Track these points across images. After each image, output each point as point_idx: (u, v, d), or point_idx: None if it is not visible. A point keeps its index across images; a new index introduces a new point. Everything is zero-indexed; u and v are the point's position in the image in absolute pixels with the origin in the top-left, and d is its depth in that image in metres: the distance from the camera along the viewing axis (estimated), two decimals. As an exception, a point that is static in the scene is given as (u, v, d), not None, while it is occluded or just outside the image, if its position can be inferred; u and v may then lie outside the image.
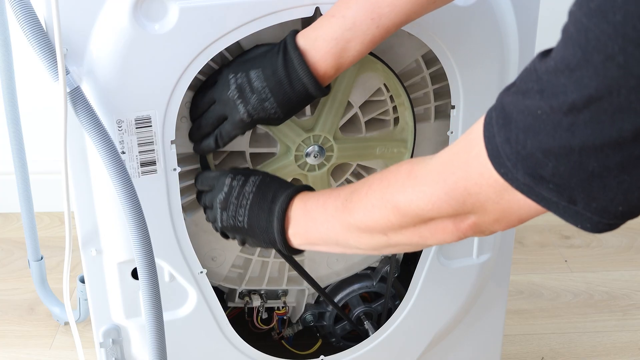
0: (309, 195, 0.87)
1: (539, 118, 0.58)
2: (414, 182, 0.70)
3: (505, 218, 0.67)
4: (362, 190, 0.78)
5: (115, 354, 1.04)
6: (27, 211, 1.44)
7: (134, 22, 0.85)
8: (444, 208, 0.68)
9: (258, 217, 0.88)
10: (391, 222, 0.74)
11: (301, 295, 1.17)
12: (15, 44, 1.30)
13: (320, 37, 0.85)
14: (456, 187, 0.66)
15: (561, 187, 0.59)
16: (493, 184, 0.63)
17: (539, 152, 0.58)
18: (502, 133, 0.61)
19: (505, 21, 0.97)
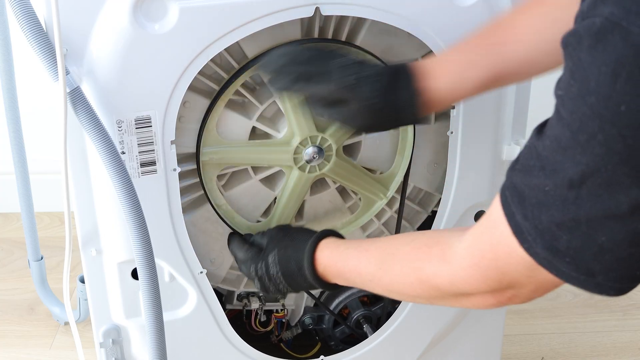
0: (331, 253, 0.90)
1: (547, 194, 0.61)
2: (449, 268, 0.73)
3: (541, 288, 0.69)
4: (394, 265, 0.81)
5: (115, 354, 1.04)
6: (27, 211, 1.44)
7: (134, 22, 0.85)
8: (482, 288, 0.71)
9: (297, 284, 0.93)
10: (432, 296, 0.78)
11: (300, 298, 1.17)
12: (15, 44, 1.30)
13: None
14: (489, 269, 0.69)
15: (577, 260, 0.62)
16: (521, 262, 0.66)
17: (553, 226, 0.62)
18: (520, 210, 0.64)
19: (505, 21, 0.97)
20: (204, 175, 0.99)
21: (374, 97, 0.83)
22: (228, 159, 0.99)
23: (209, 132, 0.96)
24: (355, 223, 1.10)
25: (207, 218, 1.03)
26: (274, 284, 0.94)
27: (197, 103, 0.95)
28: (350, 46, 0.97)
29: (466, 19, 0.95)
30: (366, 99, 0.84)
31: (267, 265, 0.94)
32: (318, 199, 1.07)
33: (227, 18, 0.87)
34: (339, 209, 1.09)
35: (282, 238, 0.96)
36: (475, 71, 0.86)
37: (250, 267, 0.96)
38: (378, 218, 1.11)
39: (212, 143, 0.97)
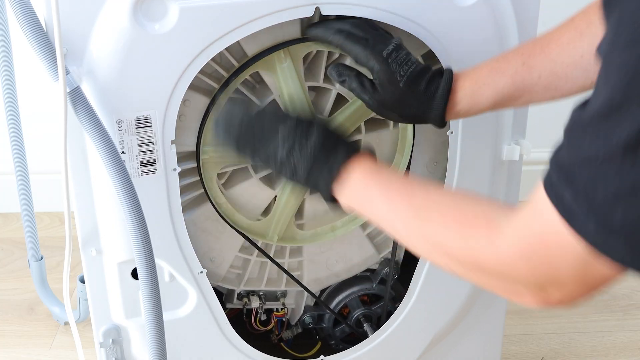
0: (371, 165, 0.82)
1: (601, 165, 0.58)
2: (495, 250, 0.69)
3: (589, 283, 0.65)
4: (436, 217, 0.74)
5: (115, 354, 1.04)
6: (27, 211, 1.44)
7: (134, 22, 0.85)
8: (527, 279, 0.67)
9: (314, 174, 0.83)
10: (463, 265, 0.73)
11: (300, 296, 1.17)
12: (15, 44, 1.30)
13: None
14: (537, 260, 0.65)
15: (632, 236, 0.58)
16: (571, 250, 0.62)
17: (608, 199, 0.58)
18: (569, 191, 0.60)
19: (505, 21, 0.97)
20: (204, 173, 0.99)
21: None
22: (228, 157, 0.99)
23: (209, 131, 0.96)
24: (355, 222, 1.10)
25: (207, 217, 1.03)
26: (298, 155, 0.83)
27: (197, 101, 0.95)
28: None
29: (466, 19, 0.95)
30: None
31: (308, 135, 0.83)
32: (318, 198, 1.07)
33: (227, 18, 0.87)
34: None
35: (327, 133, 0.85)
36: (497, 77, 0.86)
37: (289, 125, 0.85)
38: (378, 218, 1.11)
39: (212, 141, 0.97)
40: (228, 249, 1.07)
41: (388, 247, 1.15)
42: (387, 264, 1.16)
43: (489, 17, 0.96)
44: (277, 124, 0.85)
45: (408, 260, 1.18)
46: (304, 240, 1.09)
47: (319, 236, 1.09)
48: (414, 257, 1.14)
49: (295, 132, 0.84)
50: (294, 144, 0.83)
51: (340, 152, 0.82)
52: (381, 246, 1.16)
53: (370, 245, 1.14)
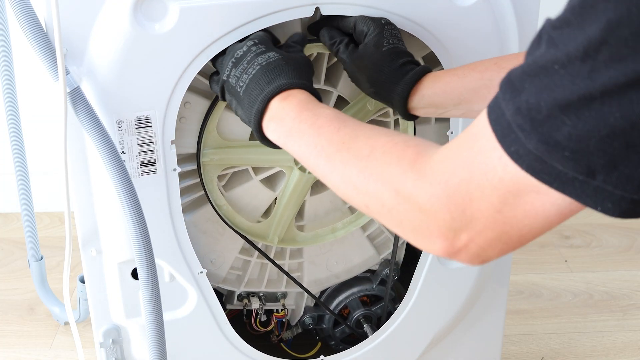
0: (308, 100, 0.80)
1: (555, 74, 0.54)
2: (416, 176, 0.64)
3: (504, 235, 0.61)
4: (364, 147, 0.71)
5: (115, 354, 1.03)
6: (27, 211, 1.44)
7: (133, 22, 0.85)
8: (441, 212, 0.62)
9: (251, 91, 0.83)
10: (382, 201, 0.67)
11: (300, 297, 1.17)
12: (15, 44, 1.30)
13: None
14: (458, 191, 0.61)
15: (579, 153, 0.54)
16: (497, 186, 0.58)
17: (557, 110, 0.54)
18: (511, 105, 0.56)
19: (505, 21, 0.97)
20: (205, 175, 0.99)
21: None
22: (228, 159, 0.99)
23: (209, 133, 0.96)
24: (356, 223, 1.10)
25: (208, 218, 1.03)
26: (244, 69, 0.84)
27: (198, 103, 0.95)
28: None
29: (466, 19, 0.95)
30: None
31: (264, 53, 0.85)
32: (318, 199, 1.07)
33: (227, 18, 0.87)
34: (339, 209, 1.09)
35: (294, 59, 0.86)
36: (466, 71, 0.87)
37: (248, 41, 0.87)
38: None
39: (212, 144, 0.97)
40: (228, 251, 1.07)
41: (388, 248, 1.15)
42: (387, 264, 1.16)
43: (489, 17, 0.96)
44: (240, 42, 0.88)
45: (408, 260, 1.18)
46: (305, 242, 1.09)
47: (320, 237, 1.09)
48: (414, 257, 1.14)
49: (249, 50, 0.86)
50: (242, 58, 0.85)
51: (276, 83, 0.82)
52: (381, 247, 1.16)
53: (370, 247, 1.14)
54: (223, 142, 0.98)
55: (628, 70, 0.50)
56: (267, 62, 0.83)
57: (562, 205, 0.57)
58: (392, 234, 1.13)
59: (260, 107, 0.81)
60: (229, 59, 0.87)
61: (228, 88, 0.87)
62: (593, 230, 1.89)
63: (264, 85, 0.82)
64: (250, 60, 0.85)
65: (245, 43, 0.87)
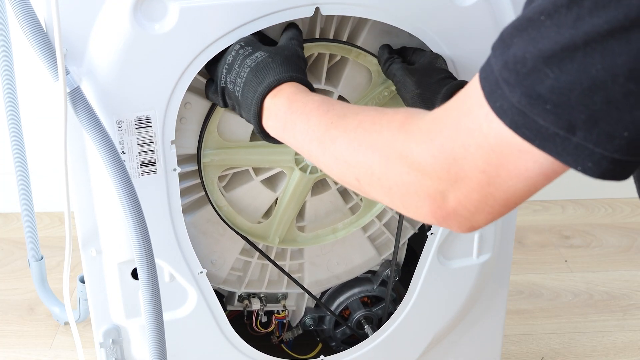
0: (297, 92, 0.81)
1: (542, 25, 0.54)
2: (404, 137, 0.64)
3: (489, 197, 0.60)
4: (352, 121, 0.71)
5: (115, 354, 1.04)
6: (27, 211, 1.44)
7: (133, 22, 0.85)
8: (428, 171, 0.62)
9: (247, 95, 0.84)
10: (372, 169, 0.68)
11: (301, 298, 1.17)
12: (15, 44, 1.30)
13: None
14: (443, 149, 0.61)
15: (560, 107, 0.54)
16: (482, 144, 0.58)
17: (541, 63, 0.54)
18: (500, 60, 0.56)
19: (505, 21, 0.97)
20: (205, 176, 0.99)
21: None
22: (229, 160, 0.99)
23: (210, 134, 0.96)
24: (357, 224, 1.10)
25: (208, 219, 1.03)
26: (237, 74, 0.86)
27: (199, 104, 0.95)
28: (351, 46, 0.97)
29: (466, 19, 0.95)
30: None
31: (251, 54, 0.86)
32: (319, 200, 1.07)
33: (227, 18, 0.87)
34: (340, 210, 1.09)
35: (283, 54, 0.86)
36: None
37: (236, 45, 0.88)
38: (379, 219, 1.11)
39: (213, 144, 0.97)
40: (229, 252, 1.07)
41: (389, 248, 1.15)
42: (388, 265, 1.16)
43: (489, 17, 0.96)
44: (231, 45, 0.88)
45: (409, 261, 1.18)
46: (305, 243, 1.09)
47: (320, 238, 1.09)
48: (415, 258, 1.14)
49: (238, 54, 0.87)
50: (233, 63, 0.86)
51: (265, 82, 0.83)
52: (382, 248, 1.16)
53: (371, 247, 1.14)
54: (224, 142, 0.98)
55: (610, 18, 0.50)
56: (255, 63, 0.85)
57: (545, 165, 0.57)
58: (393, 234, 1.13)
59: (256, 109, 0.83)
60: (222, 66, 0.88)
61: (228, 94, 0.88)
62: (593, 230, 1.89)
63: (255, 87, 0.83)
64: (241, 63, 0.86)
65: (232, 47, 0.88)
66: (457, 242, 1.11)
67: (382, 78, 1.00)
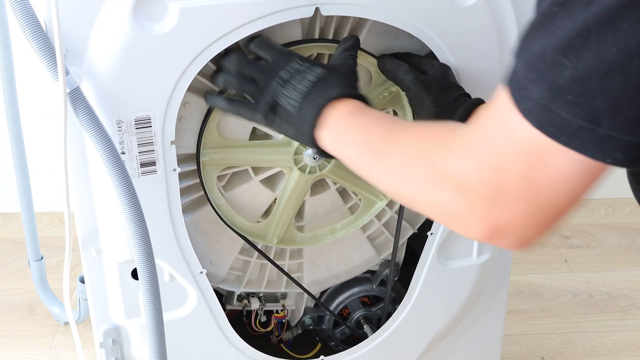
0: (356, 107, 0.82)
1: (555, 16, 0.54)
2: (446, 155, 0.64)
3: (536, 206, 0.59)
4: (399, 141, 0.73)
5: (115, 354, 1.04)
6: (27, 211, 1.44)
7: (133, 22, 0.85)
8: (473, 187, 0.61)
9: (305, 108, 0.84)
10: (419, 190, 0.68)
11: (300, 298, 1.17)
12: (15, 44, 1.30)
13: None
14: (485, 162, 0.60)
15: (581, 96, 0.53)
16: (519, 149, 0.57)
17: (559, 54, 0.53)
18: (523, 62, 0.56)
19: (505, 21, 0.97)
20: (204, 175, 0.99)
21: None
22: (228, 159, 0.99)
23: (209, 133, 0.96)
24: (356, 224, 1.10)
25: (207, 219, 1.03)
26: (294, 87, 0.85)
27: (198, 104, 0.95)
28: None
29: (466, 19, 0.95)
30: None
31: (311, 70, 0.85)
32: (318, 200, 1.07)
33: (227, 18, 0.87)
34: (339, 210, 1.09)
35: (343, 73, 0.87)
36: None
37: (296, 58, 0.87)
38: (378, 218, 1.11)
39: (212, 144, 0.97)
40: (228, 251, 1.07)
41: (388, 248, 1.15)
42: (387, 265, 1.16)
43: (489, 17, 0.96)
44: (286, 59, 0.87)
45: (409, 261, 1.18)
46: (304, 242, 1.09)
47: (319, 238, 1.09)
48: (414, 258, 1.14)
49: (297, 70, 0.86)
50: (291, 78, 0.85)
51: (327, 95, 0.83)
52: (381, 248, 1.16)
53: (370, 247, 1.14)
54: (223, 141, 0.98)
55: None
56: (316, 78, 0.85)
57: (583, 163, 0.56)
58: (392, 234, 1.13)
59: (314, 119, 0.82)
60: (273, 81, 0.86)
61: (277, 109, 0.86)
62: (593, 230, 1.89)
63: (315, 99, 0.83)
64: (300, 79, 0.86)
65: (289, 64, 0.87)
66: (457, 242, 1.11)
67: (382, 79, 1.00)
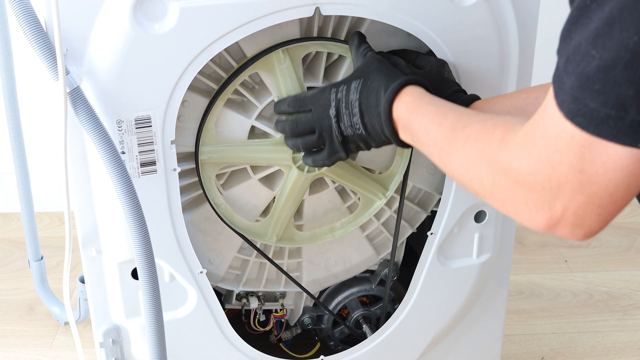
0: (412, 100, 0.84)
1: (588, 9, 0.56)
2: (505, 154, 0.67)
3: (594, 196, 0.60)
4: (460, 137, 0.75)
5: (115, 354, 1.04)
6: (27, 211, 1.44)
7: (133, 22, 0.85)
8: (532, 184, 0.64)
9: (371, 122, 0.86)
10: (483, 185, 0.71)
11: (299, 297, 1.17)
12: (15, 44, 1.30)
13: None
14: (540, 160, 0.62)
15: (607, 84, 0.55)
16: (571, 143, 0.59)
17: (589, 44, 0.55)
18: (563, 57, 0.58)
19: (505, 21, 0.97)
20: (203, 174, 0.99)
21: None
22: (227, 158, 0.99)
23: (207, 132, 0.96)
24: (354, 223, 1.10)
25: (206, 217, 1.03)
26: (349, 113, 0.88)
27: (196, 102, 0.95)
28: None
29: (466, 19, 0.95)
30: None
31: (348, 89, 0.88)
32: (317, 199, 1.07)
33: (227, 18, 0.87)
34: (338, 209, 1.09)
35: (373, 68, 0.89)
36: (505, 100, 0.91)
37: (331, 90, 0.90)
38: (377, 218, 1.11)
39: (211, 142, 0.97)
40: (227, 250, 1.07)
41: (387, 248, 1.15)
42: (386, 265, 1.16)
43: (489, 17, 0.96)
44: (324, 95, 0.90)
45: (407, 261, 1.18)
46: (303, 241, 1.09)
47: (318, 237, 1.09)
48: (414, 258, 1.14)
49: (336, 98, 0.89)
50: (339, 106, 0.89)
51: (382, 98, 0.85)
52: (380, 247, 1.16)
53: (369, 247, 1.14)
54: (221, 140, 0.98)
55: None
56: (357, 91, 0.87)
57: (631, 152, 0.57)
58: (391, 233, 1.13)
59: (389, 128, 0.84)
60: (327, 119, 0.89)
61: (351, 139, 0.89)
62: (593, 230, 1.89)
63: (377, 111, 0.85)
64: (346, 103, 0.88)
65: (325, 96, 0.90)
66: (457, 242, 1.11)
67: None
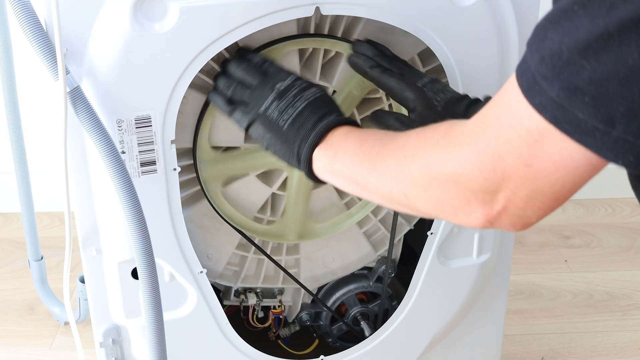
0: (354, 128, 0.83)
1: (575, 15, 0.54)
2: (448, 141, 0.65)
3: (538, 191, 0.60)
4: (400, 140, 0.73)
5: (115, 354, 1.04)
6: (27, 211, 1.44)
7: (133, 22, 0.85)
8: (473, 173, 0.63)
9: (301, 126, 0.84)
10: (417, 181, 0.69)
11: (297, 294, 1.17)
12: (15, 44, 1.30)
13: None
14: (487, 149, 0.61)
15: (598, 99, 0.53)
16: (525, 136, 0.58)
17: (577, 54, 0.53)
18: (536, 55, 0.56)
19: (505, 21, 0.97)
20: (208, 190, 0.99)
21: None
22: (228, 169, 1.00)
23: (201, 149, 0.97)
24: (352, 219, 1.10)
25: (204, 213, 1.03)
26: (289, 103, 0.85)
27: (194, 99, 0.95)
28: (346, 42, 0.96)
29: (466, 19, 0.95)
30: None
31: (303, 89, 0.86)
32: (315, 196, 1.07)
33: (227, 17, 0.87)
34: (336, 205, 1.09)
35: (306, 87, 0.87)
36: None
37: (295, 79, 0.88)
38: (374, 214, 1.11)
39: (207, 157, 0.98)
40: (225, 246, 1.07)
41: (385, 245, 1.15)
42: (384, 262, 1.16)
43: (489, 17, 0.96)
44: (276, 77, 0.87)
45: (405, 258, 1.18)
46: (324, 232, 1.09)
47: (338, 226, 1.09)
48: (411, 255, 1.14)
49: (294, 84, 0.86)
50: (287, 92, 0.86)
51: (328, 118, 0.83)
52: (378, 244, 1.16)
53: (367, 243, 1.14)
54: (217, 155, 0.99)
55: None
56: (314, 97, 0.86)
57: (590, 155, 0.57)
58: (389, 230, 1.13)
59: (314, 140, 0.82)
60: (268, 91, 0.87)
61: (264, 121, 0.86)
62: (593, 230, 1.89)
63: (316, 121, 0.84)
64: (297, 94, 0.86)
65: (288, 77, 0.87)
66: (457, 242, 1.11)
67: None
